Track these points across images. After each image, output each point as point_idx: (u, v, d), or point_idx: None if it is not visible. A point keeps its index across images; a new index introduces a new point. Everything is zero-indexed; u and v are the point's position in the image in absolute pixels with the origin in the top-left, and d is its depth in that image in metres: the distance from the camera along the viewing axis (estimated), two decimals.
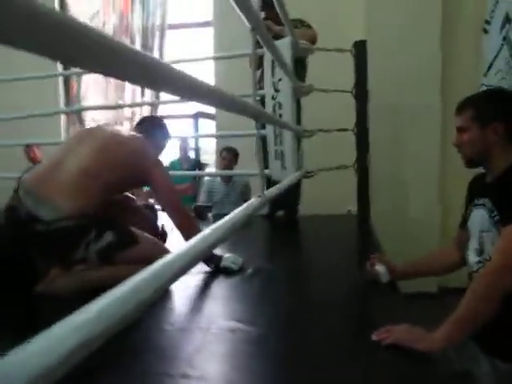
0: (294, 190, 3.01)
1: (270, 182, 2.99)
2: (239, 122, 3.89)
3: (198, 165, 4.32)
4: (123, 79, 0.44)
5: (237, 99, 0.86)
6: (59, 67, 4.93)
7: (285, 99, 2.42)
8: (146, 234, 1.69)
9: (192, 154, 4.49)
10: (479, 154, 1.39)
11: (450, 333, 1.11)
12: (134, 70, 0.43)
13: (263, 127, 2.81)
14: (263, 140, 2.76)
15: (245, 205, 1.03)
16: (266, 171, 2.72)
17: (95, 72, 0.39)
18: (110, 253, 1.51)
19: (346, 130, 2.93)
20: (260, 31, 1.24)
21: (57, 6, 5.10)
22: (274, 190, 1.33)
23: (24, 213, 1.48)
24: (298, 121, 2.90)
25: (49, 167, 1.62)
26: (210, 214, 3.49)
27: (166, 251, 1.69)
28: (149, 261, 1.61)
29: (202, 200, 3.57)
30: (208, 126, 4.68)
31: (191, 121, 4.38)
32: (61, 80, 5.01)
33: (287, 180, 1.77)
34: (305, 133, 2.68)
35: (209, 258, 1.75)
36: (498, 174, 1.34)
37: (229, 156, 3.63)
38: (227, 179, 3.68)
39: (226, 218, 0.87)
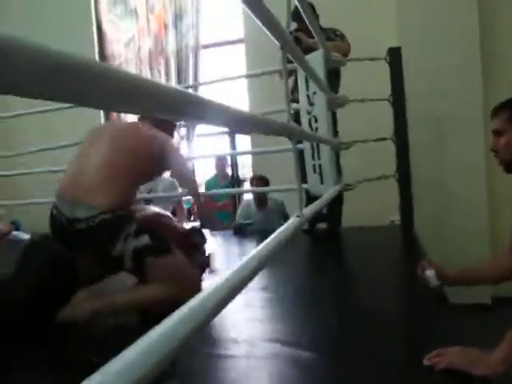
0: (335, 203, 2.95)
1: (309, 197, 2.96)
2: (272, 137, 3.91)
3: (236, 181, 4.34)
4: (167, 117, 0.44)
5: (270, 122, 0.84)
6: None
7: (320, 112, 2.40)
8: (183, 256, 1.66)
9: (229, 170, 4.51)
10: None
11: (509, 354, 1.04)
12: (174, 108, 0.43)
13: (300, 141, 2.79)
14: (300, 154, 2.74)
15: (284, 226, 1.01)
16: (305, 186, 2.69)
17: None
18: (144, 254, 1.52)
19: (384, 139, 2.87)
20: (289, 49, 1.23)
21: (95, 35, 5.31)
22: (312, 208, 1.30)
23: (64, 219, 1.56)
24: (335, 133, 2.86)
25: (74, 171, 1.69)
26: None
27: (194, 272, 1.67)
28: (175, 276, 1.59)
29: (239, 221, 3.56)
30: (244, 141, 4.71)
31: (227, 137, 4.41)
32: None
33: (326, 195, 1.74)
34: (342, 145, 2.64)
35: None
36: None
37: (260, 184, 3.61)
38: (261, 205, 3.67)
39: (265, 241, 0.85)
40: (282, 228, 0.99)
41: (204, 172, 4.72)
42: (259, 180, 3.61)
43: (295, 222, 1.06)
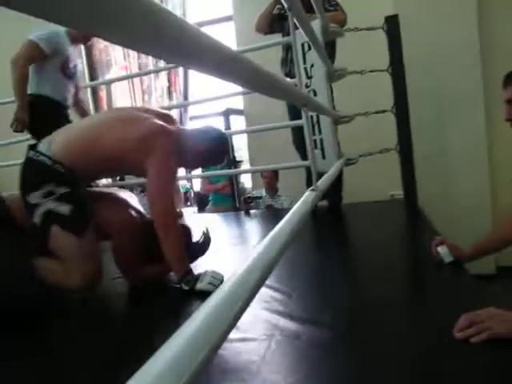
0: (336, 178, 2.89)
1: (308, 175, 2.89)
2: (268, 116, 3.83)
3: (233, 162, 4.26)
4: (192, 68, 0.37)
5: (288, 86, 0.77)
6: (86, 79, 4.98)
7: (319, 85, 2.32)
8: (94, 243, 1.57)
9: None
10: None
11: None
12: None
13: (298, 117, 2.71)
14: (299, 130, 2.66)
15: (301, 200, 0.95)
16: (306, 162, 2.62)
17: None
18: (54, 221, 1.49)
19: (384, 111, 2.80)
20: (296, 11, 1.16)
21: None
22: (324, 181, 1.24)
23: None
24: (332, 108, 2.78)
25: (77, 123, 1.73)
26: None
27: (86, 266, 1.54)
28: (67, 258, 1.54)
29: None
30: (238, 123, 4.61)
31: (221, 119, 4.31)
32: (89, 91, 5.05)
33: (334, 169, 1.68)
34: (342, 119, 2.57)
35: (182, 274, 1.54)
36: None
37: (269, 174, 3.68)
38: (272, 194, 3.73)
39: (286, 217, 0.79)
40: (299, 203, 0.93)
41: None
42: (273, 172, 3.66)
43: (311, 195, 1.00)
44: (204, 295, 1.48)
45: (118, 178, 3.03)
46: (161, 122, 1.63)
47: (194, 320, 0.32)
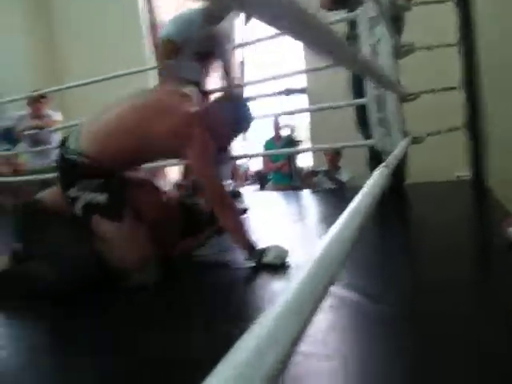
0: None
1: (372, 155, 2.84)
2: (331, 95, 3.78)
3: (291, 142, 4.27)
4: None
5: (360, 54, 0.78)
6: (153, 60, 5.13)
7: (385, 61, 2.26)
8: (137, 227, 1.61)
9: (285, 132, 4.45)
10: None
11: None
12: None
13: (359, 96, 2.67)
14: (362, 109, 2.63)
15: (372, 178, 0.94)
16: (370, 141, 2.59)
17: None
18: (93, 211, 1.55)
19: (453, 88, 2.69)
20: None
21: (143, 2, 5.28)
22: (394, 157, 1.23)
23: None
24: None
25: (103, 111, 1.70)
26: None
27: (136, 247, 1.58)
28: (114, 244, 1.55)
29: None
30: (299, 102, 4.59)
31: (282, 98, 4.32)
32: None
33: (401, 147, 1.65)
34: (408, 96, 2.50)
35: (250, 249, 1.61)
36: None
37: (332, 151, 3.70)
38: (333, 180, 3.71)
39: (358, 196, 0.79)
40: (370, 180, 0.93)
41: (261, 133, 4.67)
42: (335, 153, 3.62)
43: (384, 172, 1.00)
44: (271, 268, 1.55)
45: None
46: (191, 108, 1.65)
47: (278, 304, 0.33)
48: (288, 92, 4.17)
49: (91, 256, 1.54)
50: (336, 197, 3.31)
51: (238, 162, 3.34)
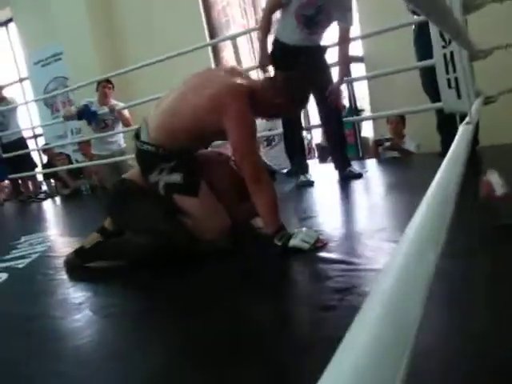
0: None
1: (441, 117, 2.74)
2: (388, 62, 3.67)
3: (355, 111, 4.20)
4: None
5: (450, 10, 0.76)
6: (207, 39, 5.19)
7: (455, 15, 2.16)
8: (214, 199, 1.68)
9: (346, 102, 4.36)
10: None
11: None
12: None
13: (427, 56, 2.57)
14: (431, 72, 2.53)
15: (458, 136, 0.92)
16: (439, 104, 2.50)
17: None
18: (172, 190, 1.66)
19: None
20: None
21: None
22: (475, 115, 1.19)
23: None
24: None
25: (157, 103, 1.80)
26: None
27: (219, 218, 1.65)
28: (197, 217, 1.63)
29: None
30: (357, 71, 4.48)
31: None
32: (210, 52, 5.27)
33: (475, 107, 1.59)
34: (479, 54, 2.38)
35: (275, 230, 1.54)
36: None
37: (396, 119, 3.56)
38: (398, 149, 3.61)
39: (448, 156, 0.77)
40: (456, 138, 0.91)
41: None
42: (396, 115, 3.53)
43: (468, 129, 0.98)
44: (297, 252, 1.48)
45: None
46: (231, 79, 1.66)
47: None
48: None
49: (177, 227, 1.65)
50: (404, 165, 3.24)
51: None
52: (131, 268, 1.65)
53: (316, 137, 5.05)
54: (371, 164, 3.38)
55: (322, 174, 3.13)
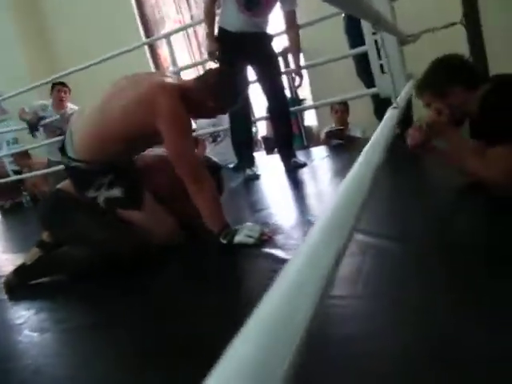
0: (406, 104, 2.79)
1: (377, 103, 2.81)
2: (326, 50, 3.73)
3: (297, 101, 4.23)
4: None
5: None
6: (142, 37, 5.07)
7: (381, 4, 2.21)
8: (159, 208, 1.66)
9: (288, 92, 4.39)
10: None
11: None
12: None
13: (359, 43, 2.62)
14: (363, 57, 2.59)
15: (384, 120, 0.96)
16: (374, 90, 2.57)
17: None
18: (114, 206, 1.61)
19: (454, 24, 2.63)
20: None
21: None
22: (402, 99, 1.23)
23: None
24: None
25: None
26: None
27: (167, 232, 1.63)
28: (146, 230, 1.57)
29: None
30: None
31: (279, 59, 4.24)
32: (146, 50, 5.15)
33: (405, 90, 1.64)
34: (408, 38, 2.46)
35: (221, 229, 1.52)
36: None
37: (341, 108, 3.59)
38: (345, 137, 3.62)
39: (373, 137, 0.80)
40: (383, 122, 0.94)
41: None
42: (341, 104, 3.57)
43: (393, 112, 1.01)
44: (244, 247, 1.48)
45: None
46: (161, 78, 1.63)
47: (294, 262, 0.32)
48: (285, 52, 4.10)
49: (116, 235, 1.59)
50: (349, 151, 3.30)
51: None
52: (73, 281, 1.59)
53: (261, 129, 5.08)
54: (317, 152, 3.42)
55: (270, 166, 3.14)
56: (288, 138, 2.89)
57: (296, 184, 2.55)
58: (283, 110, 2.82)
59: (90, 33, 5.19)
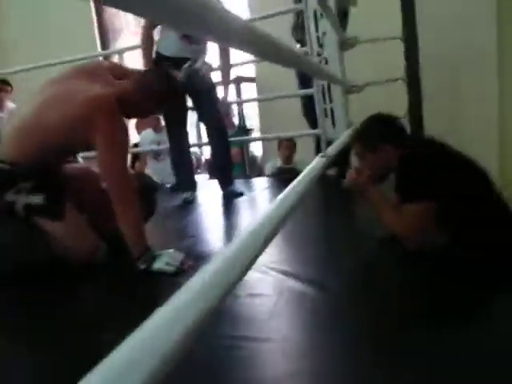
0: (345, 148, 2.89)
1: (318, 143, 2.92)
2: (279, 84, 3.83)
3: (244, 130, 4.30)
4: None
5: (300, 55, 0.81)
6: (98, 47, 4.98)
7: (331, 54, 2.33)
8: (81, 222, 1.62)
9: (236, 120, 4.46)
10: None
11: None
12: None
13: (309, 85, 2.72)
14: (310, 99, 2.68)
15: (309, 166, 0.99)
16: (316, 131, 2.66)
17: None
18: (33, 213, 1.55)
19: (396, 80, 2.81)
20: None
21: None
22: (334, 148, 1.28)
23: None
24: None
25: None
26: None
27: (86, 242, 1.59)
28: (61, 242, 1.51)
29: None
30: (249, 91, 4.61)
31: (232, 86, 4.31)
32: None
33: (343, 137, 1.72)
34: (353, 88, 2.58)
35: (141, 252, 1.48)
36: None
37: (290, 144, 3.64)
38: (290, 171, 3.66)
39: (293, 183, 0.83)
40: (307, 169, 0.98)
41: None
42: (289, 141, 3.62)
43: (320, 161, 1.05)
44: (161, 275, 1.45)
45: None
46: (96, 88, 1.58)
47: (195, 281, 0.35)
48: (238, 80, 4.18)
49: (32, 243, 1.53)
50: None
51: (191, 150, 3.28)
52: None
53: (206, 152, 5.09)
54: (259, 183, 3.46)
55: (209, 191, 3.14)
56: (224, 166, 2.90)
57: (231, 212, 2.56)
58: (220, 139, 2.82)
59: (43, 32, 5.02)
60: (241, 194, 2.78)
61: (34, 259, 1.49)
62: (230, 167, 2.96)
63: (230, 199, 2.74)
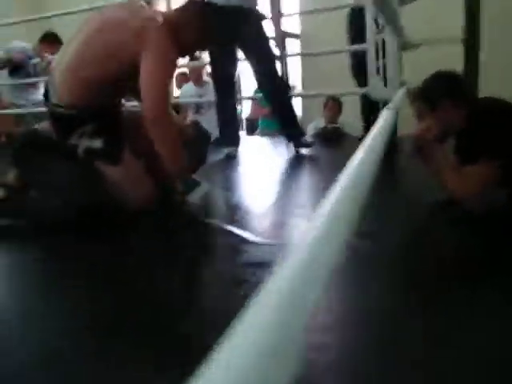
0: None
1: (366, 104, 2.81)
2: (324, 40, 3.69)
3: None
4: None
5: None
6: None
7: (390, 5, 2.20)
8: (138, 167, 1.61)
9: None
10: None
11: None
12: None
13: (356, 41, 2.60)
14: (361, 55, 2.57)
15: (380, 120, 0.93)
16: (363, 89, 2.56)
17: None
18: (93, 157, 1.56)
19: (456, 41, 2.65)
20: None
21: None
22: (397, 103, 1.22)
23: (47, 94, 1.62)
24: None
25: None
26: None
27: (143, 195, 1.58)
28: (120, 186, 1.52)
29: None
30: (291, 48, 4.47)
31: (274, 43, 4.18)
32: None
33: (399, 95, 1.64)
34: (410, 44, 2.45)
35: (180, 174, 1.56)
36: None
37: (335, 105, 3.56)
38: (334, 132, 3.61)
39: (369, 136, 0.77)
40: (378, 122, 0.92)
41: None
42: (335, 101, 3.53)
43: (389, 113, 0.99)
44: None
45: None
46: (148, 14, 1.57)
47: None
48: (283, 35, 4.03)
49: (95, 190, 1.54)
50: (337, 146, 3.30)
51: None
52: (36, 231, 1.49)
53: (245, 110, 5.03)
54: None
55: (249, 147, 3.12)
56: (294, 117, 2.86)
57: (275, 169, 2.53)
58: (282, 91, 2.78)
59: None
60: (312, 144, 2.77)
61: (94, 202, 1.50)
62: (296, 118, 2.92)
63: (297, 154, 2.75)
